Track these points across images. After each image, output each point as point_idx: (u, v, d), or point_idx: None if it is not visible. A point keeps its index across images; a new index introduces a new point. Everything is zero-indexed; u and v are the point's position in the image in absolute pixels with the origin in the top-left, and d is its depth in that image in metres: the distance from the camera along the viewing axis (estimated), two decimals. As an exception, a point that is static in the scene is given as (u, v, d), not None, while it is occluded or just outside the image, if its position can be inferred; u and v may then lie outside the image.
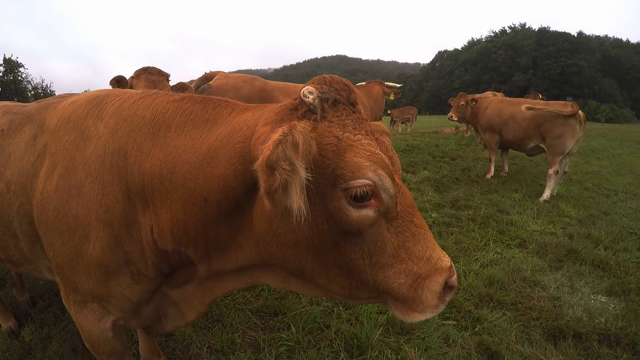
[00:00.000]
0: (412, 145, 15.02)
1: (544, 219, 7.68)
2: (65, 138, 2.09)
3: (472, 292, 4.71)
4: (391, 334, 3.93)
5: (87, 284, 2.06)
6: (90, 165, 1.96)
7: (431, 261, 1.57)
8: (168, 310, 2.37)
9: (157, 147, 1.87)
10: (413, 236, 1.57)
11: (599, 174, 13.28)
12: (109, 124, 2.02)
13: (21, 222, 2.31)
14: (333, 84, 1.60)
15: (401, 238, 1.56)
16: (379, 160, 1.48)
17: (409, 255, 1.56)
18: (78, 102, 2.22)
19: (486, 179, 10.76)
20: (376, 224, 1.53)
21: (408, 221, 1.58)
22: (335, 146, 1.47)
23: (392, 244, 1.55)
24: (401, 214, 1.57)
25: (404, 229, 1.57)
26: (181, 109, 1.94)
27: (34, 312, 4.30)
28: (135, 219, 1.95)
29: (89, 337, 2.29)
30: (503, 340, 3.88)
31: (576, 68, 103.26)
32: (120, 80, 5.18)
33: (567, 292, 4.91)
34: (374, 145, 1.52)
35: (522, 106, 9.73)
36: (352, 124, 1.53)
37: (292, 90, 6.51)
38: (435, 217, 7.30)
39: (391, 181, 1.50)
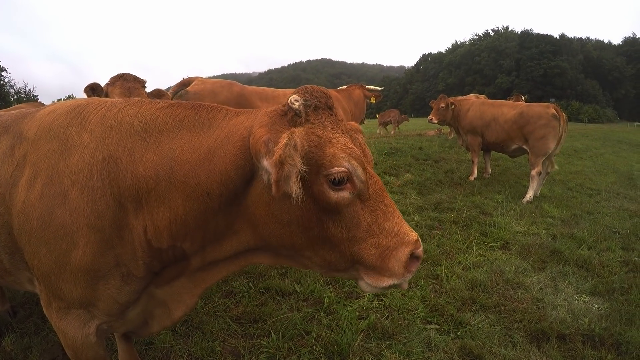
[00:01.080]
0: (395, 148, 15.02)
1: (527, 220, 7.69)
2: (46, 147, 2.11)
3: (454, 296, 4.67)
4: (372, 340, 3.88)
5: (74, 290, 2.08)
6: (78, 173, 2.00)
7: (399, 235, 1.86)
8: (154, 311, 2.40)
9: (150, 151, 1.99)
10: (384, 214, 1.87)
11: (582, 174, 13.39)
12: (94, 132, 2.07)
13: (0, 232, 2.27)
14: (314, 92, 1.91)
15: (373, 216, 1.86)
16: (352, 152, 1.80)
17: (380, 230, 1.86)
18: (58, 112, 2.24)
19: (469, 181, 10.79)
20: (352, 204, 1.84)
21: (379, 202, 1.88)
22: (317, 142, 1.79)
23: (366, 220, 1.85)
24: (373, 196, 1.87)
25: (375, 208, 1.87)
26: (172, 115, 2.07)
27: (14, 321, 4.22)
28: (126, 222, 2.03)
29: (73, 343, 2.27)
30: (486, 344, 3.85)
31: (559, 70, 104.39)
32: (95, 88, 5.10)
33: (551, 293, 4.90)
34: (348, 141, 1.85)
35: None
36: (330, 125, 1.86)
37: (269, 95, 6.47)
38: (417, 220, 7.27)
39: (362, 169, 1.81)
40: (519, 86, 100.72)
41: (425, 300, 4.58)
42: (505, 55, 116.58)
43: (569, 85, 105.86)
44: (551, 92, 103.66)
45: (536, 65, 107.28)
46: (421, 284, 4.90)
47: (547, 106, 9.43)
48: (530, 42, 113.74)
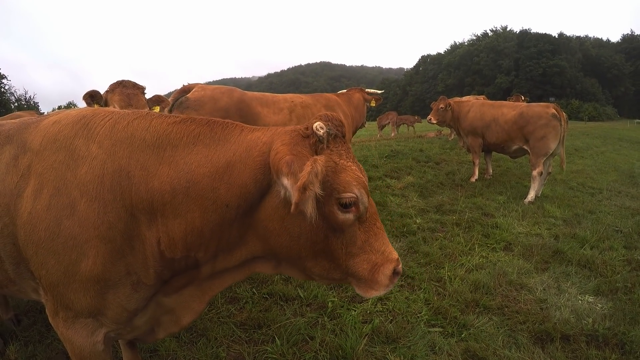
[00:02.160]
0: (396, 151, 15.03)
1: (529, 221, 7.69)
2: (52, 158, 2.13)
3: (457, 298, 4.68)
4: (376, 344, 3.89)
5: (83, 300, 2.11)
6: (87, 185, 2.04)
7: (385, 253, 2.12)
8: (161, 318, 2.44)
9: (165, 165, 2.06)
10: (375, 234, 2.13)
11: (584, 173, 13.37)
12: (103, 145, 2.11)
13: (5, 243, 2.28)
14: (334, 121, 2.08)
15: (367, 235, 2.11)
16: (361, 181, 2.02)
17: (371, 247, 2.11)
18: (63, 122, 2.25)
19: (470, 182, 10.80)
20: (353, 225, 2.05)
21: (372, 224, 2.13)
22: (334, 168, 1.97)
23: (361, 238, 2.09)
24: (369, 219, 2.11)
25: (369, 229, 2.11)
26: (187, 131, 2.15)
27: (18, 330, 4.23)
28: (137, 233, 2.09)
29: (80, 352, 2.28)
30: (490, 346, 3.85)
31: (558, 69, 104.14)
32: (94, 95, 5.10)
33: (554, 294, 4.90)
34: (358, 170, 2.06)
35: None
36: (345, 153, 2.06)
37: (270, 101, 6.48)
38: (419, 223, 7.26)
39: (367, 197, 2.03)
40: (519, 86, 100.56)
41: (429, 303, 4.59)
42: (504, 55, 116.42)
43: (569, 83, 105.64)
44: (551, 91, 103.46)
45: (535, 64, 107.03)
46: (424, 287, 4.91)
47: (547, 106, 9.43)
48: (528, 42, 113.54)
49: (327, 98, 7.29)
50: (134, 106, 5.05)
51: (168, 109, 5.76)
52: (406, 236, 6.69)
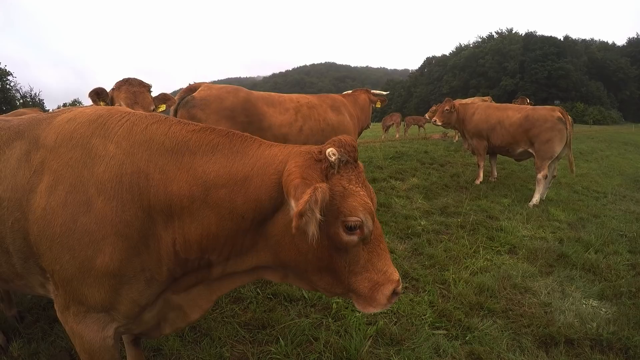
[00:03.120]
0: (400, 152, 15.04)
1: (534, 224, 7.68)
2: (68, 155, 2.17)
3: (462, 301, 4.68)
4: (380, 345, 3.89)
5: (97, 295, 2.16)
6: (105, 183, 2.10)
7: (386, 274, 2.19)
8: (169, 314, 2.52)
9: (183, 171, 2.14)
10: (377, 255, 2.19)
11: (588, 177, 13.33)
12: (121, 145, 2.18)
13: (15, 237, 2.30)
14: (346, 146, 2.13)
15: (370, 255, 2.17)
16: (367, 207, 2.07)
17: (373, 267, 2.18)
18: (78, 120, 2.31)
19: (475, 184, 10.78)
20: (357, 245, 2.11)
21: (376, 245, 2.19)
22: (342, 193, 2.04)
23: (364, 258, 2.16)
24: (373, 240, 2.17)
25: (372, 250, 2.18)
26: (206, 140, 2.23)
27: (21, 327, 4.25)
28: (153, 232, 2.17)
29: (90, 347, 2.32)
30: (494, 349, 3.86)
31: (563, 71, 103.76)
32: (100, 92, 5.13)
33: (558, 298, 4.90)
34: (365, 195, 2.11)
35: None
36: (355, 178, 2.11)
37: (276, 101, 6.48)
38: (424, 225, 7.27)
39: (372, 221, 2.08)
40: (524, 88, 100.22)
41: (433, 306, 4.59)
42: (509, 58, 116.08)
43: (574, 87, 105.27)
44: (556, 94, 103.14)
45: (540, 67, 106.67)
46: (429, 289, 4.92)
47: (552, 109, 9.43)
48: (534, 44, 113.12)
49: (333, 99, 7.28)
50: (140, 104, 5.06)
51: (174, 107, 5.77)
52: (411, 238, 6.70)
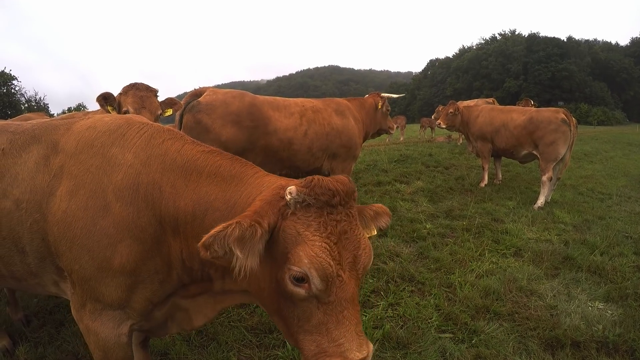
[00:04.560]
0: (405, 155, 15.07)
1: (539, 226, 7.68)
2: (89, 162, 2.31)
3: (468, 304, 4.69)
4: (387, 349, 3.90)
5: (114, 293, 2.27)
6: (122, 190, 2.23)
7: (341, 347, 1.86)
8: (176, 314, 2.60)
9: (190, 189, 2.22)
10: (337, 321, 1.87)
11: (593, 178, 13.30)
12: (139, 156, 2.31)
13: (33, 238, 2.41)
14: (315, 188, 1.92)
15: (326, 318, 1.88)
16: (316, 261, 1.82)
17: (327, 333, 1.88)
18: (99, 129, 2.45)
19: (480, 187, 10.78)
20: (307, 301, 1.89)
21: (338, 310, 1.87)
22: (294, 237, 1.87)
23: (317, 318, 1.89)
24: (333, 303, 1.87)
25: (331, 313, 1.87)
26: (211, 161, 2.29)
27: (28, 330, 4.28)
28: (164, 239, 2.28)
29: (104, 344, 2.39)
30: (500, 352, 3.87)
31: (567, 72, 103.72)
32: (107, 97, 5.20)
33: (564, 300, 4.90)
34: (325, 248, 1.85)
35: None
36: (317, 225, 1.88)
37: (281, 105, 6.50)
38: (429, 228, 7.27)
39: (321, 280, 1.83)
40: (527, 90, 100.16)
41: (439, 309, 4.61)
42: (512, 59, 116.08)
43: (577, 87, 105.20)
44: (559, 95, 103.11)
45: (544, 68, 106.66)
46: (435, 293, 4.93)
47: (556, 111, 9.43)
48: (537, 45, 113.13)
49: (337, 103, 7.29)
50: (147, 108, 5.13)
51: (180, 112, 5.81)
52: (416, 241, 6.71)
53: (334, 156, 6.92)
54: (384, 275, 5.39)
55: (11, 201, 2.41)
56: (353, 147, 7.09)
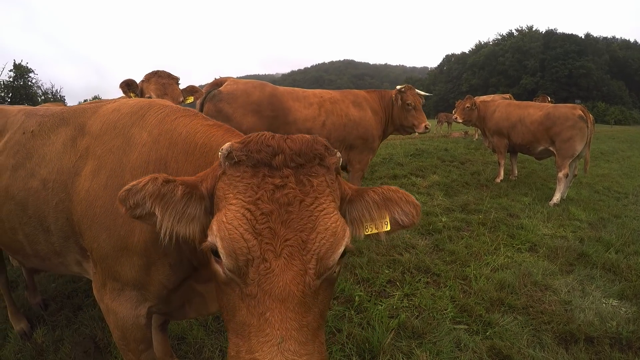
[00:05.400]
0: (421, 150, 15.07)
1: (555, 223, 7.67)
2: (112, 143, 2.33)
3: (483, 297, 4.72)
4: (403, 338, 3.94)
5: (129, 273, 2.25)
6: (136, 169, 2.20)
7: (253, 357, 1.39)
8: (193, 299, 2.56)
9: (189, 162, 2.13)
10: (258, 326, 1.40)
11: (609, 177, 13.21)
12: (152, 133, 2.29)
13: (58, 217, 2.48)
14: (250, 144, 1.60)
15: (249, 318, 1.44)
16: (223, 229, 1.47)
17: (248, 339, 1.42)
18: (122, 111, 2.47)
19: (496, 182, 10.79)
20: (229, 287, 1.52)
21: (260, 311, 1.41)
22: (218, 201, 1.60)
23: (241, 316, 1.47)
24: (256, 298, 1.43)
25: (253, 312, 1.43)
26: (208, 133, 2.18)
27: (46, 314, 4.38)
28: None
29: (123, 324, 2.41)
30: (514, 345, 3.89)
31: (584, 70, 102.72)
32: (130, 84, 5.31)
33: (579, 296, 4.90)
34: (243, 215, 1.48)
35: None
36: (244, 188, 1.53)
37: (300, 96, 6.54)
38: (445, 222, 7.32)
39: (226, 254, 1.46)
40: (544, 87, 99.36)
41: (455, 301, 4.64)
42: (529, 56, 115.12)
43: (595, 86, 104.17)
44: (576, 93, 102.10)
45: (561, 65, 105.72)
46: (450, 285, 4.97)
47: (573, 107, 9.38)
48: (554, 42, 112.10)
49: (355, 94, 7.30)
50: (170, 95, 5.21)
51: (200, 100, 5.88)
52: (432, 234, 6.76)
53: (351, 147, 6.92)
54: (399, 266, 5.44)
55: (38, 181, 2.50)
56: (370, 139, 7.08)
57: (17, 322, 4.09)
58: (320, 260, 1.47)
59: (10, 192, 2.63)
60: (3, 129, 3.01)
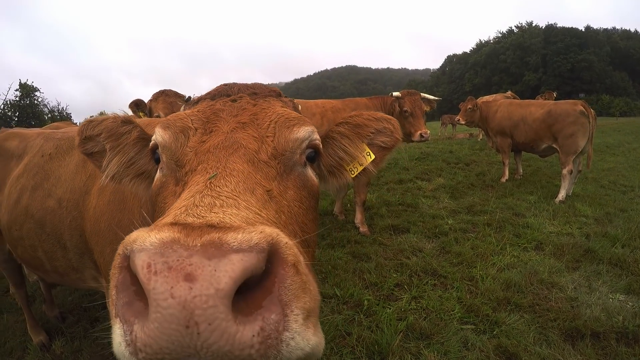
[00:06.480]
0: (425, 153, 15.13)
1: (560, 220, 7.71)
2: None
3: (489, 296, 4.79)
4: (411, 340, 4.03)
5: None
6: None
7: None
8: None
9: None
10: (184, 187, 1.29)
11: (615, 171, 13.17)
12: None
13: (72, 234, 2.62)
14: (211, 90, 1.69)
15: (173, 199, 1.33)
16: (165, 120, 1.48)
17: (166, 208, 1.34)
18: None
19: (501, 182, 10.84)
20: (162, 191, 1.43)
21: (191, 174, 1.30)
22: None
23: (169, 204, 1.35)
24: (193, 168, 1.31)
25: (184, 185, 1.31)
26: None
27: (64, 326, 4.53)
28: None
29: None
30: (521, 342, 3.95)
31: (586, 63, 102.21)
32: (139, 104, 5.46)
33: (585, 292, 4.95)
34: (188, 113, 1.50)
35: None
36: (202, 108, 1.52)
37: (303, 106, 6.60)
38: (451, 224, 7.39)
39: (165, 128, 1.44)
40: (547, 83, 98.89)
41: (461, 301, 4.71)
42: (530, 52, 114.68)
43: (598, 78, 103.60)
44: (580, 86, 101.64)
45: (563, 60, 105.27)
46: (457, 286, 5.05)
47: (574, 103, 9.42)
48: (555, 37, 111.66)
49: (356, 102, 7.40)
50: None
51: None
52: (438, 237, 6.83)
53: (354, 155, 6.96)
54: (407, 269, 5.52)
55: (55, 200, 2.67)
56: (371, 147, 7.09)
57: (36, 335, 4.25)
58: (277, 135, 1.42)
59: (29, 211, 2.81)
60: (23, 153, 3.20)
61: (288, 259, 0.88)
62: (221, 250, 0.82)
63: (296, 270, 0.89)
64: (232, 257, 0.80)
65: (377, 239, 6.77)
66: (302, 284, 0.89)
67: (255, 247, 0.84)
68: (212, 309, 0.76)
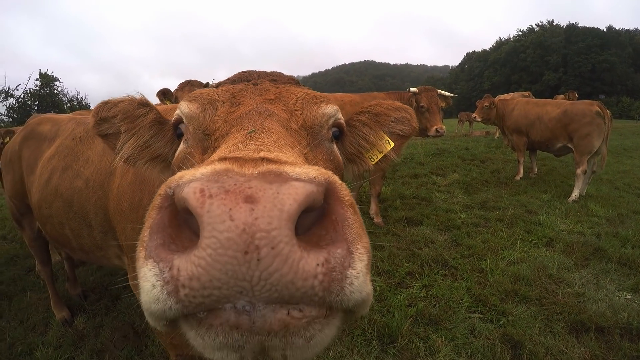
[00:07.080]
0: (441, 149, 15.15)
1: (572, 219, 7.76)
2: None
3: (498, 288, 4.91)
4: (420, 325, 4.19)
5: None
6: None
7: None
8: None
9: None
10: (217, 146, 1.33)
11: (631, 173, 13.06)
12: None
13: (97, 213, 2.76)
14: (240, 74, 1.72)
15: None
16: (191, 95, 1.52)
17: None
18: None
19: (515, 180, 10.88)
20: (186, 162, 1.43)
21: (223, 136, 1.32)
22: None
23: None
24: (224, 133, 1.33)
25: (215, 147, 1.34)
26: None
27: (86, 303, 4.75)
28: None
29: None
30: (526, 332, 4.08)
31: (607, 64, 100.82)
32: (166, 93, 5.66)
33: (592, 289, 5.03)
34: (211, 91, 1.53)
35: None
36: (225, 88, 1.55)
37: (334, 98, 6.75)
38: (464, 218, 7.51)
39: (192, 100, 1.48)
40: (567, 83, 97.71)
41: (470, 291, 4.85)
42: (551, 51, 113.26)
43: (619, 80, 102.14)
44: (600, 88, 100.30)
45: (584, 60, 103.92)
46: (467, 277, 5.18)
47: (591, 104, 9.44)
48: (576, 37, 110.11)
49: (374, 97, 7.49)
50: None
51: None
52: (451, 230, 6.96)
53: (372, 149, 7.08)
54: (419, 259, 5.66)
55: (82, 180, 2.83)
56: (387, 141, 7.19)
57: (59, 311, 4.45)
58: (305, 109, 1.47)
59: (59, 190, 2.98)
60: (55, 136, 3.38)
61: (345, 198, 0.87)
62: (281, 177, 0.80)
63: (354, 211, 0.88)
64: (294, 183, 0.78)
65: (390, 230, 6.91)
66: (362, 225, 0.88)
67: (314, 180, 0.83)
68: (276, 231, 0.72)
